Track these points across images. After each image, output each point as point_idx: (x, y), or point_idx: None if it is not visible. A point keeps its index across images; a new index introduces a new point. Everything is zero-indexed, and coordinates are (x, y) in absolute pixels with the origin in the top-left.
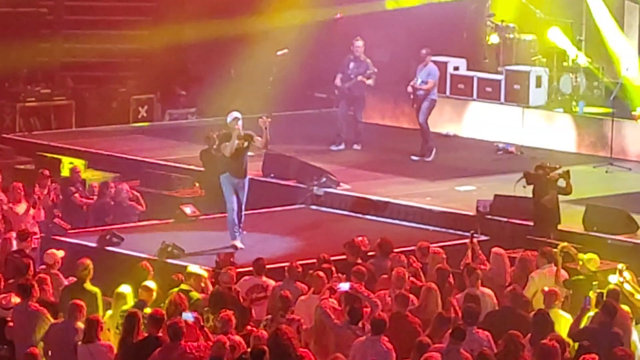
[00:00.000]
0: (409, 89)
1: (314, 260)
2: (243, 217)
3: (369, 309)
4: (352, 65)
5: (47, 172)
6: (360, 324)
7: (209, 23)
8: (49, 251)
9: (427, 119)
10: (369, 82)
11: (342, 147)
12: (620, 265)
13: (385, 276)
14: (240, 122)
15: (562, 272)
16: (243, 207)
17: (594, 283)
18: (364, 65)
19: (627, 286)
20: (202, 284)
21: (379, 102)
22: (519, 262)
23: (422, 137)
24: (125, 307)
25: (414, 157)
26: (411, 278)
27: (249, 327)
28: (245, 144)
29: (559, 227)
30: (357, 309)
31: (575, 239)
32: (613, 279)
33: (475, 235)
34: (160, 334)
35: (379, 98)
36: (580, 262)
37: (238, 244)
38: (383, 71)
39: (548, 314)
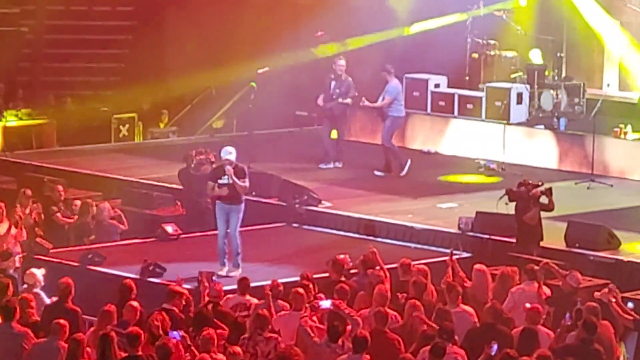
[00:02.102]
0: (363, 102)
1: (296, 279)
2: (238, 245)
3: (350, 326)
4: (333, 84)
5: (29, 192)
6: (340, 342)
7: (190, 42)
8: (29, 271)
9: (391, 138)
10: (347, 100)
11: (330, 165)
12: (610, 286)
13: (362, 293)
14: (233, 157)
15: (544, 288)
16: (235, 233)
17: (577, 300)
18: (345, 84)
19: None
20: (184, 302)
21: (361, 120)
22: (499, 278)
23: (385, 155)
24: None
25: (377, 172)
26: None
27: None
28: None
29: (541, 243)
30: (336, 327)
31: (557, 256)
32: (602, 296)
33: (455, 252)
34: (139, 353)
35: (361, 116)
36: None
37: (221, 272)
38: (364, 89)
39: (534, 331)
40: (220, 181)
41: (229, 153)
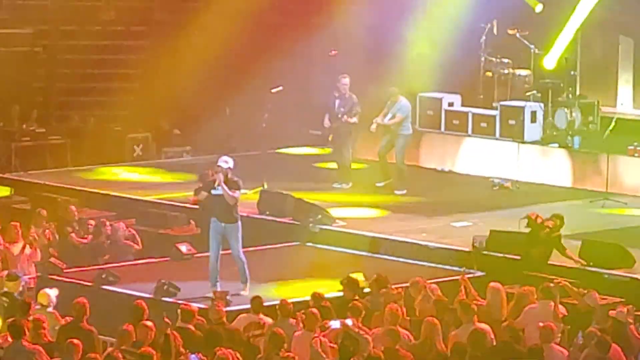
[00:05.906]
0: (373, 127)
1: (309, 298)
2: (244, 264)
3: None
4: (337, 103)
5: (44, 212)
6: None
7: (204, 61)
8: (42, 291)
9: (404, 157)
10: (353, 120)
11: (343, 185)
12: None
13: (377, 313)
14: (227, 166)
15: (560, 307)
16: (239, 254)
17: (592, 318)
18: (349, 102)
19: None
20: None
21: (375, 139)
22: (516, 298)
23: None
24: None
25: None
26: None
27: None
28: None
29: (556, 262)
30: (347, 346)
31: (571, 274)
32: (617, 315)
33: (467, 271)
34: None
35: (375, 134)
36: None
37: (208, 294)
38: (375, 108)
39: (540, 349)
40: (213, 192)
41: (225, 162)
